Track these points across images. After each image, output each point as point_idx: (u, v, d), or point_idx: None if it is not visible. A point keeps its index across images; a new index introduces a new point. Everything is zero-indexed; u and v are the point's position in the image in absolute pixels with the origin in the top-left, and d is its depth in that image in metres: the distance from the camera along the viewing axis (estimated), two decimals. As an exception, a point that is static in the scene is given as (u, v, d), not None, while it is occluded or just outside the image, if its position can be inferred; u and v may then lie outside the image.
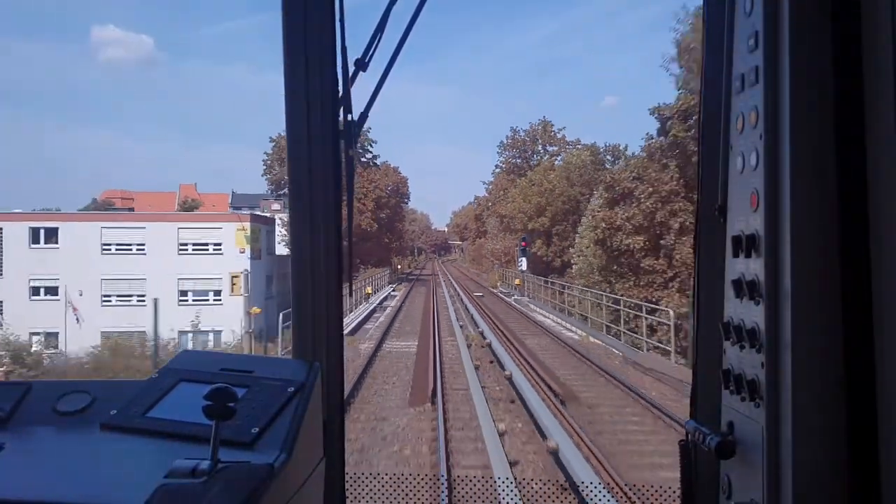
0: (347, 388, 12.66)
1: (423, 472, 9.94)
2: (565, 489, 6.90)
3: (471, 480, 5.58)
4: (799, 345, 1.17)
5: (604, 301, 26.57)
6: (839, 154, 1.17)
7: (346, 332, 18.73)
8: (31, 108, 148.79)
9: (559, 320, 30.43)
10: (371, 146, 70.45)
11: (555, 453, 10.61)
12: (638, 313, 22.97)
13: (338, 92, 1.76)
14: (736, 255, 1.31)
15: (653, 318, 22.56)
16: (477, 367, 18.41)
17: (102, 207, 71.38)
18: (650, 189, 27.43)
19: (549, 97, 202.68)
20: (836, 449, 1.17)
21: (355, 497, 4.31)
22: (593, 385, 16.55)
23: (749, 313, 1.27)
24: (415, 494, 4.56)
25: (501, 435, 11.82)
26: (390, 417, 13.60)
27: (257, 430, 1.47)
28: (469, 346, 22.15)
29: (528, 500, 6.33)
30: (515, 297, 43.19)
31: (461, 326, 27.68)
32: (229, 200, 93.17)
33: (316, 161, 1.76)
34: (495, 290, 51.81)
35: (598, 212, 30.15)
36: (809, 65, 1.18)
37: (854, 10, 1.16)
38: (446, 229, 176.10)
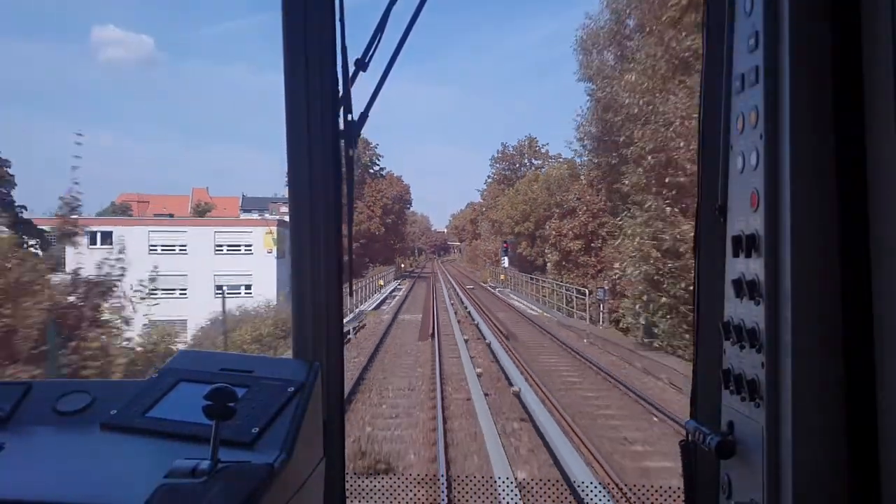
0: (379, 337, 21.80)
1: (425, 378, 15.10)
2: (565, 489, 6.54)
3: (470, 480, 5.31)
4: (799, 345, 1.02)
5: (554, 287, 33.39)
6: (839, 154, 1.02)
7: (370, 308, 21.33)
8: (30, 109, 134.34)
9: (528, 303, 35.94)
10: (378, 160, 72.29)
11: (489, 345, 19.17)
12: (574, 295, 29.89)
13: (338, 92, 1.56)
14: (736, 255, 1.15)
15: (586, 298, 28.83)
16: (460, 322, 26.02)
17: (121, 210, 67.62)
18: (585, 207, 33.94)
19: (549, 97, 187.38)
20: (836, 449, 1.02)
21: (355, 497, 4.03)
22: (530, 333, 23.65)
23: (749, 313, 1.11)
24: (414, 494, 4.30)
25: (466, 342, 20.04)
26: (409, 345, 20.49)
27: (257, 430, 1.30)
28: (456, 313, 30.02)
29: (528, 499, 5.88)
30: (500, 288, 47.72)
31: (452, 305, 35.15)
32: (239, 203, 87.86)
33: (316, 161, 1.56)
34: (485, 285, 55.23)
35: (553, 223, 36.68)
36: (809, 65, 1.03)
37: (854, 9, 1.01)
38: (445, 230, 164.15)
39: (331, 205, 1.57)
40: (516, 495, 5.76)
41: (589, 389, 13.10)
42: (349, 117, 1.56)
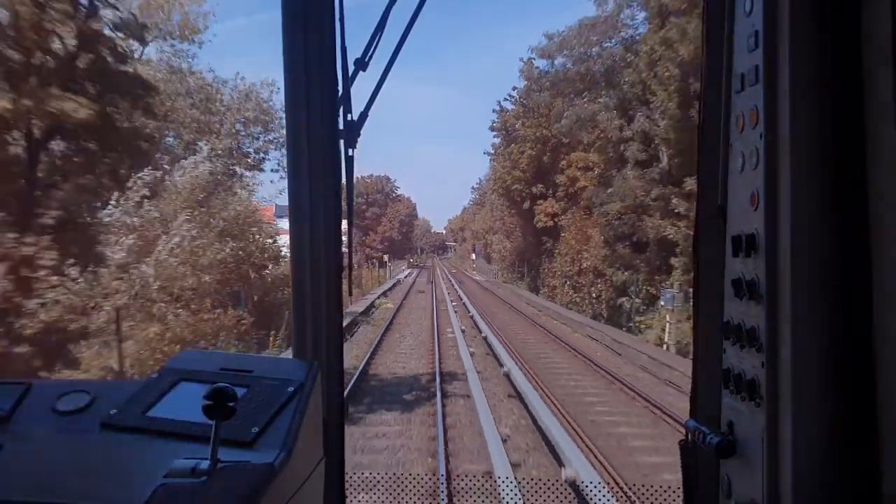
0: (411, 283, 47.10)
1: (428, 291, 36.75)
2: (565, 489, 5.81)
3: (470, 480, 5.16)
4: (799, 345, 0.86)
5: (492, 268, 54.80)
6: (839, 154, 0.85)
7: (403, 276, 64.94)
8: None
9: (481, 276, 56.39)
10: (396, 190, 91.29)
11: (454, 286, 40.63)
12: (498, 269, 52.12)
13: (338, 92, 1.35)
14: (736, 254, 0.98)
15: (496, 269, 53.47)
16: (445, 284, 42.91)
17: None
18: (503, 227, 53.74)
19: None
20: (835, 449, 0.86)
21: (355, 497, 3.74)
22: (471, 282, 47.43)
23: (749, 313, 0.94)
24: (414, 493, 4.20)
25: (448, 288, 36.74)
26: (422, 287, 39.17)
27: (257, 429, 1.10)
28: (443, 280, 48.42)
29: (528, 499, 5.53)
30: (470, 272, 68.78)
31: (442, 278, 53.42)
32: (273, 211, 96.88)
33: (316, 161, 1.35)
34: (464, 272, 74.15)
35: (489, 236, 57.02)
36: (809, 65, 0.87)
37: (854, 10, 0.84)
38: (444, 231, 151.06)
39: (331, 205, 1.35)
40: (516, 495, 5.20)
41: (482, 294, 35.28)
42: (349, 117, 1.35)
